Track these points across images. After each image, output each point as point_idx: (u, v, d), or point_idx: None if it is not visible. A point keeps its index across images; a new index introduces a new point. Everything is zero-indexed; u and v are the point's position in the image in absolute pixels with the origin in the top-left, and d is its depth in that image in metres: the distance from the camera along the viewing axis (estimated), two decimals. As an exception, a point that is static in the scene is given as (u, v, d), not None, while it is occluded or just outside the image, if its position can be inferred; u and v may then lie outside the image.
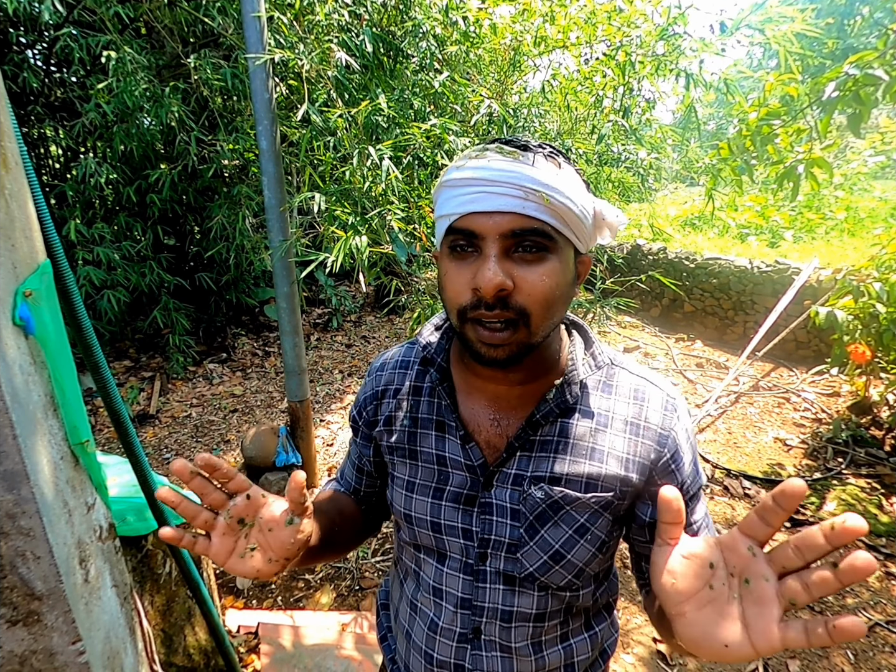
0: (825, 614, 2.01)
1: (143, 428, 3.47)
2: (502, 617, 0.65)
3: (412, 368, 0.73)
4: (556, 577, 0.63)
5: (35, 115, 3.46)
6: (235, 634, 1.80)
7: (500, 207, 0.53)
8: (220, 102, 3.47)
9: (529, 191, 0.53)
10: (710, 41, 1.94)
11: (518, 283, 0.54)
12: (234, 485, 0.55)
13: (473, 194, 0.54)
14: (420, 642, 0.70)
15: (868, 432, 3.14)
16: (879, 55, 1.86)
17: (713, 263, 4.94)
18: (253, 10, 1.91)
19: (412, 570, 0.73)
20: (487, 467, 0.64)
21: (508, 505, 0.63)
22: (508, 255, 0.55)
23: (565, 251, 0.57)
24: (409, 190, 1.83)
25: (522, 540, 0.63)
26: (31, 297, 0.63)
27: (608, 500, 0.62)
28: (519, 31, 2.00)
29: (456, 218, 0.56)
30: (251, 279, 4.65)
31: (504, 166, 0.54)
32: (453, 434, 0.66)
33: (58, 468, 0.67)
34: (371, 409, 0.75)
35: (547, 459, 0.62)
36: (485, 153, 0.56)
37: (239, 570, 0.54)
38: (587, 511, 0.62)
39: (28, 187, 0.67)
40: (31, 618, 0.63)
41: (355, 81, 2.02)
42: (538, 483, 0.62)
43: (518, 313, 0.54)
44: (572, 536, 0.62)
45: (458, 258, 0.57)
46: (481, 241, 0.55)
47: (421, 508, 0.68)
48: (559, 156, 0.58)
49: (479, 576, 0.65)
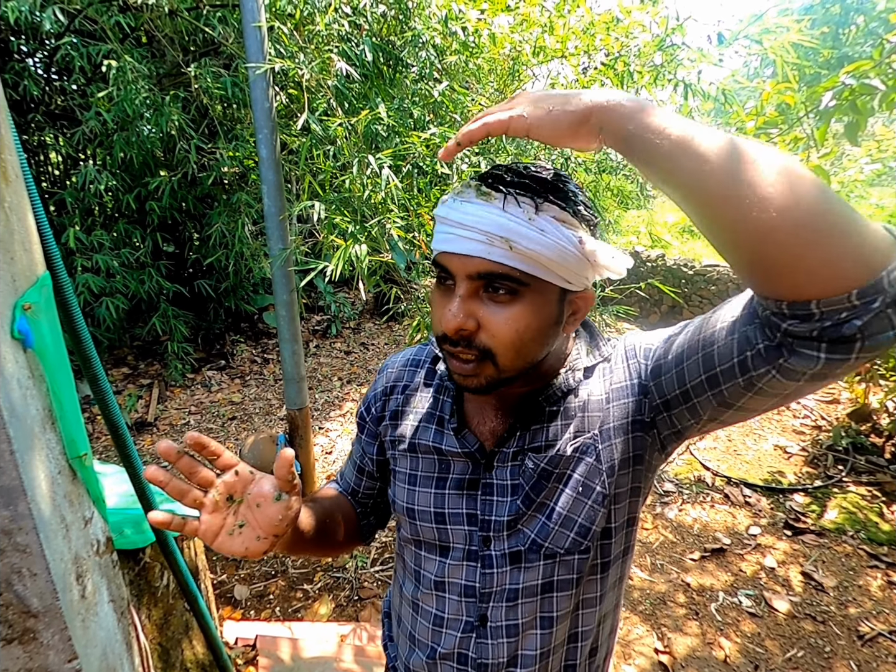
0: (827, 624, 2.00)
1: (141, 435, 3.46)
2: (508, 597, 0.65)
3: (423, 367, 0.76)
4: (559, 538, 0.63)
5: (35, 122, 3.47)
6: (233, 646, 1.78)
7: (467, 251, 0.54)
8: (220, 111, 3.48)
9: (494, 237, 0.53)
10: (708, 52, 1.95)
11: (483, 324, 0.56)
12: (222, 462, 0.56)
13: (447, 234, 0.57)
14: (425, 639, 0.70)
15: (868, 440, 3.14)
16: (875, 65, 1.87)
17: (712, 270, 4.96)
18: (253, 19, 1.91)
19: (412, 569, 0.73)
20: (485, 450, 0.66)
21: (509, 482, 0.65)
22: (478, 295, 0.56)
23: (541, 293, 0.56)
24: (409, 198, 1.83)
25: (520, 511, 0.64)
26: (30, 310, 0.62)
27: (586, 443, 0.63)
28: (518, 41, 2.01)
29: (437, 253, 0.59)
30: (250, 286, 4.64)
31: (473, 210, 0.54)
32: (448, 428, 0.69)
33: (55, 483, 0.66)
34: (380, 405, 0.77)
35: (541, 430, 0.65)
36: (465, 191, 0.57)
37: (227, 548, 0.54)
38: (571, 462, 0.63)
39: (28, 200, 0.67)
40: (27, 636, 0.62)
41: (355, 90, 2.03)
42: (530, 453, 0.64)
43: (481, 352, 0.56)
44: (565, 493, 0.63)
45: (441, 289, 0.60)
46: (453, 278, 0.57)
47: (424, 500, 0.69)
48: (543, 194, 0.55)
49: (485, 561, 0.66)
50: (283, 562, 2.33)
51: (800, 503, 2.70)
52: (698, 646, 1.93)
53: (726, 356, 0.49)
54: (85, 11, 2.87)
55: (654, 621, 2.05)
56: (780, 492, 2.80)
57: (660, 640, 1.96)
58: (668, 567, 2.32)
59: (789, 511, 2.65)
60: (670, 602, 2.14)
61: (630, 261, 0.61)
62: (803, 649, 1.92)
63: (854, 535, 2.46)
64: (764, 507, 2.69)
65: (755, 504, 2.72)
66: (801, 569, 2.29)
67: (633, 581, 2.24)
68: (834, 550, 2.39)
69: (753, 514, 2.65)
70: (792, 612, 2.08)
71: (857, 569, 2.28)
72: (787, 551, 2.40)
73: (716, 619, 2.05)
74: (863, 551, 2.37)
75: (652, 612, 2.09)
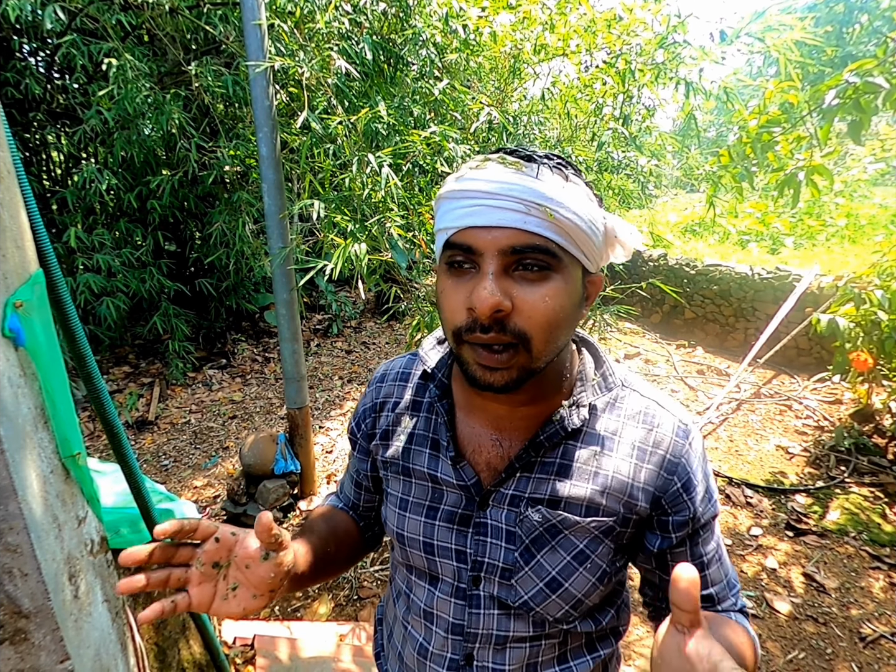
0: (828, 626, 1.98)
1: (142, 434, 3.46)
2: (496, 642, 0.63)
3: (412, 381, 0.70)
4: (553, 607, 0.60)
5: (37, 121, 3.47)
6: (231, 646, 1.78)
7: (499, 222, 0.49)
8: (221, 109, 3.48)
9: (532, 205, 0.49)
10: (710, 49, 1.94)
11: (517, 305, 0.50)
12: (200, 534, 0.53)
13: (472, 207, 0.51)
14: (412, 666, 0.68)
15: (871, 440, 3.12)
16: (879, 63, 1.86)
17: (714, 270, 4.94)
18: (254, 18, 1.91)
19: (403, 591, 0.71)
20: (482, 486, 0.62)
21: (504, 526, 0.60)
22: (508, 274, 0.51)
23: (571, 270, 0.53)
24: (409, 197, 1.82)
25: (517, 564, 0.60)
26: (22, 307, 0.62)
27: (609, 525, 0.58)
28: (519, 39, 2.00)
29: (454, 232, 0.52)
30: (251, 285, 4.65)
31: (505, 178, 0.50)
32: (444, 455, 0.64)
33: (47, 482, 0.65)
34: (369, 421, 0.73)
35: (547, 481, 0.59)
36: (486, 163, 0.53)
37: (225, 612, 0.53)
38: (587, 536, 0.59)
39: (21, 196, 0.66)
40: (18, 636, 0.62)
41: (355, 89, 2.02)
42: (536, 505, 0.59)
43: (517, 337, 0.50)
44: (570, 563, 0.59)
45: (455, 275, 0.53)
46: (479, 257, 0.51)
47: (414, 528, 0.65)
48: (567, 167, 0.54)
49: (473, 601, 0.63)
50: (283, 561, 2.33)
51: (802, 504, 2.69)
52: (699, 647, 1.92)
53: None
54: (86, 10, 2.87)
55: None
56: (781, 492, 2.79)
57: (660, 641, 1.95)
58: (668, 568, 2.31)
59: (791, 512, 2.63)
60: (671, 603, 2.12)
61: (641, 236, 0.58)
62: (804, 651, 1.91)
63: (856, 537, 2.44)
64: (765, 508, 2.68)
65: (757, 505, 2.70)
66: (802, 570, 2.27)
67: (633, 582, 2.23)
68: (836, 551, 2.37)
69: (755, 514, 2.64)
70: (793, 614, 2.06)
71: (859, 570, 2.27)
72: (788, 552, 2.38)
73: (716, 621, 2.04)
74: (865, 552, 2.35)
75: (652, 613, 2.08)
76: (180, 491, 2.91)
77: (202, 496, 2.85)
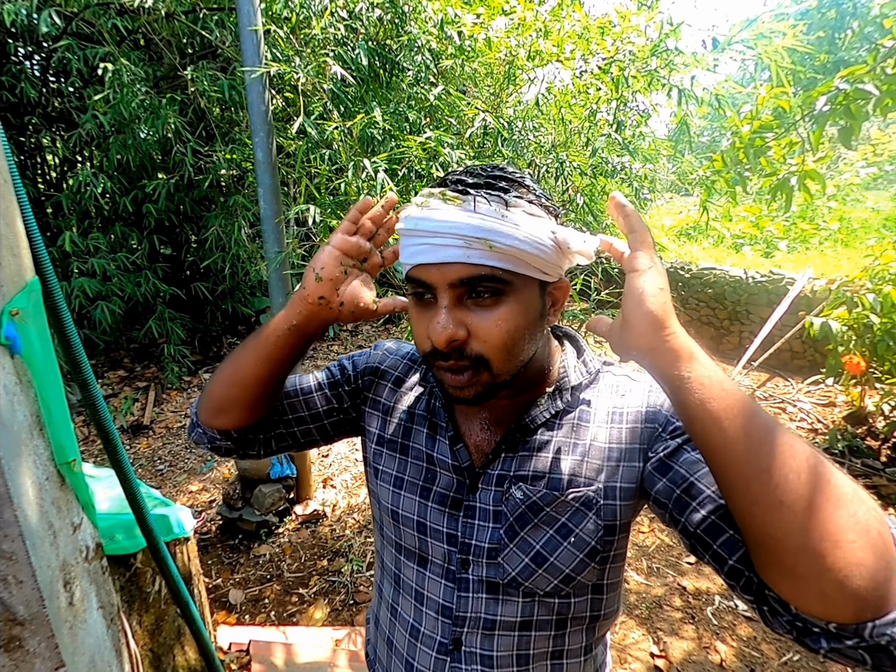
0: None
1: (137, 438, 3.45)
2: (485, 626, 0.63)
3: (421, 365, 0.75)
4: (541, 581, 0.61)
5: (32, 125, 3.47)
6: (227, 652, 1.77)
7: (444, 259, 0.53)
8: (217, 113, 3.49)
9: (471, 239, 0.52)
10: (702, 56, 1.96)
11: (473, 331, 0.54)
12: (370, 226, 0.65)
13: (420, 246, 0.55)
14: (402, 649, 0.69)
15: (864, 443, 3.14)
16: (869, 70, 1.88)
17: (708, 273, 4.97)
18: (250, 23, 1.92)
19: (391, 571, 0.72)
20: (474, 469, 0.65)
21: (491, 507, 0.63)
22: (462, 303, 0.55)
23: (525, 289, 0.55)
24: (404, 202, 1.83)
25: (502, 542, 0.62)
26: (18, 315, 0.62)
27: (588, 495, 0.60)
28: (513, 45, 2.02)
29: (409, 268, 0.57)
30: (247, 289, 4.64)
31: (446, 216, 0.53)
32: (443, 435, 0.67)
33: (43, 489, 0.65)
34: (367, 380, 0.76)
35: (529, 458, 0.62)
36: (428, 201, 0.55)
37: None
38: (568, 510, 0.60)
39: (17, 204, 0.66)
40: (13, 643, 0.62)
41: (351, 94, 2.03)
42: (518, 483, 0.62)
43: (475, 361, 0.55)
44: (553, 537, 0.60)
45: (419, 305, 0.58)
46: (434, 290, 0.55)
47: (409, 507, 0.67)
48: (509, 190, 0.55)
49: (462, 584, 0.64)
50: (279, 566, 2.32)
51: (796, 506, 2.70)
52: (694, 650, 1.93)
53: (721, 561, 0.51)
54: (82, 14, 2.87)
55: (650, 625, 2.04)
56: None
57: (656, 644, 1.96)
58: (664, 571, 2.32)
59: (785, 514, 2.64)
60: (666, 606, 2.13)
61: (598, 240, 0.57)
62: (799, 653, 1.91)
63: (850, 539, 2.46)
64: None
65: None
66: (797, 572, 2.28)
67: (629, 585, 2.24)
68: (830, 554, 2.38)
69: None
70: (788, 616, 2.07)
71: (853, 572, 2.28)
72: (783, 555, 2.39)
73: (712, 623, 2.04)
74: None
75: (648, 616, 2.08)
76: (176, 495, 2.90)
77: (198, 500, 2.84)
